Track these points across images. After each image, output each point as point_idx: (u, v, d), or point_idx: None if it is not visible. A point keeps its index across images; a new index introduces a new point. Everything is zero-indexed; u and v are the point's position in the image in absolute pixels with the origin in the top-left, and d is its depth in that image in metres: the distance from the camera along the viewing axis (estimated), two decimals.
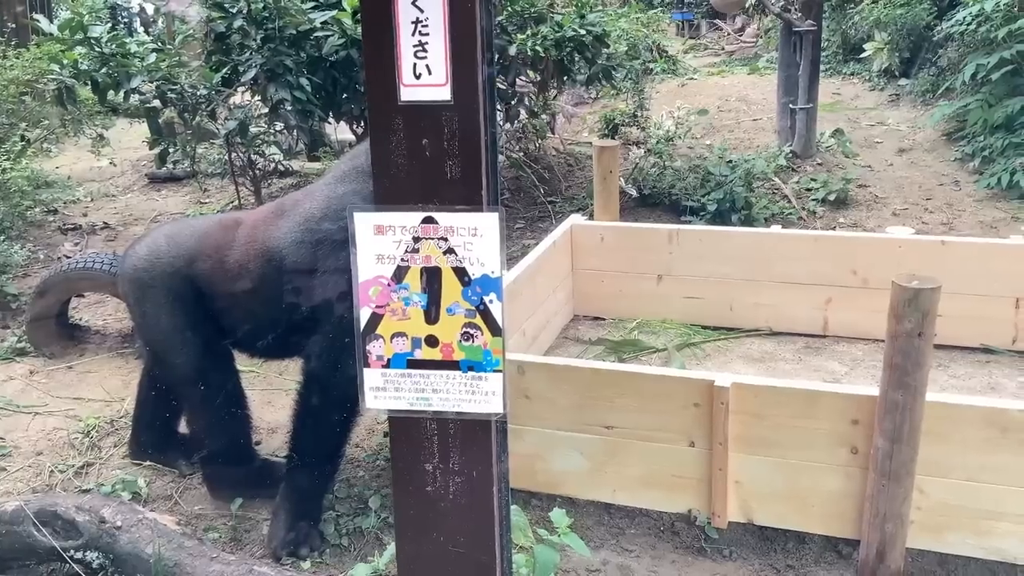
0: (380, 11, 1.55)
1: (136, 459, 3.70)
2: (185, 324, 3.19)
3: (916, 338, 2.58)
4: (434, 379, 1.71)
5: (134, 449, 3.72)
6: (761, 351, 4.48)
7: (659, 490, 3.14)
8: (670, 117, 7.15)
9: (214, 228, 3.29)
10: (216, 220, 3.44)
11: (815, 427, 2.88)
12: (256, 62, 4.85)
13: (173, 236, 3.29)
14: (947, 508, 2.82)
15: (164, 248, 3.24)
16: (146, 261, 3.23)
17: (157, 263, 3.20)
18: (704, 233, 4.86)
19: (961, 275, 4.21)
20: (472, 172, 1.61)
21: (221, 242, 3.18)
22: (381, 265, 1.67)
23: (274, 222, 3.12)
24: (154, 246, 3.26)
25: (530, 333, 4.35)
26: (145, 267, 3.22)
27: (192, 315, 3.18)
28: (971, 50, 7.63)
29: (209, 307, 3.18)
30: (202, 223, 3.44)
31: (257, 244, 3.10)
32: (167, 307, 3.18)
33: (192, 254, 3.19)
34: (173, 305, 3.18)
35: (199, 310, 3.18)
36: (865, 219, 6.40)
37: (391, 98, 1.59)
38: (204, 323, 3.19)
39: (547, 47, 5.81)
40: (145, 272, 3.21)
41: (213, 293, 3.16)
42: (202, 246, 3.20)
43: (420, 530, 1.79)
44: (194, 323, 3.19)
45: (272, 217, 3.17)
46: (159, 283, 3.19)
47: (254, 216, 3.31)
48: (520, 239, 6.15)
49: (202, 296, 3.17)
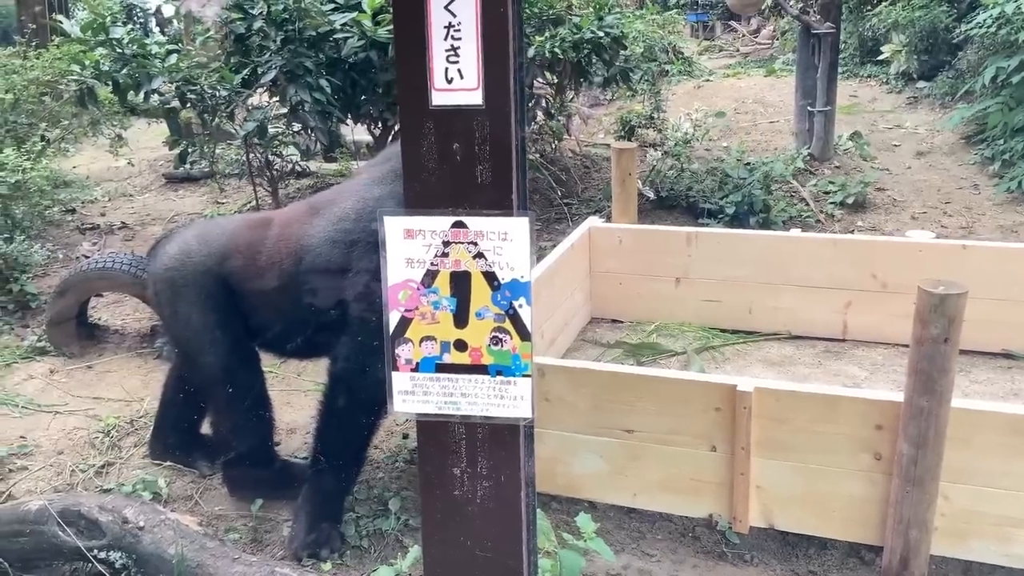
0: (413, 15, 1.56)
1: (157, 459, 3.72)
2: (216, 323, 3.20)
3: (942, 344, 2.57)
4: (462, 383, 1.71)
5: (155, 449, 3.73)
6: (780, 355, 4.46)
7: (680, 494, 3.13)
8: (688, 119, 7.13)
9: (244, 227, 3.31)
10: (245, 219, 3.46)
11: (838, 432, 2.87)
12: (276, 63, 4.87)
13: (203, 235, 3.30)
14: (971, 515, 2.80)
15: (195, 247, 3.25)
16: (177, 260, 3.24)
17: (188, 262, 3.22)
18: (722, 236, 4.85)
19: (982, 279, 4.17)
20: (502, 176, 1.61)
21: (252, 240, 3.20)
22: (411, 269, 1.67)
23: (308, 220, 3.13)
24: (185, 246, 3.27)
25: (548, 335, 4.35)
26: (176, 266, 3.23)
27: (223, 314, 3.20)
28: (991, 52, 7.57)
29: (239, 306, 3.20)
30: (231, 222, 3.45)
31: (290, 242, 3.11)
32: (198, 306, 3.20)
33: (223, 253, 3.21)
34: (204, 304, 3.19)
35: (230, 309, 3.20)
36: (883, 222, 6.37)
37: (423, 102, 1.59)
38: (234, 322, 3.21)
39: (565, 49, 5.81)
40: (176, 271, 3.22)
41: (244, 292, 3.18)
42: (233, 245, 3.22)
43: (447, 534, 1.79)
44: (225, 322, 3.20)
45: (305, 215, 3.18)
46: (190, 282, 3.20)
47: (285, 214, 3.33)
48: (537, 241, 6.14)
49: (232, 295, 3.19)
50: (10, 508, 2.92)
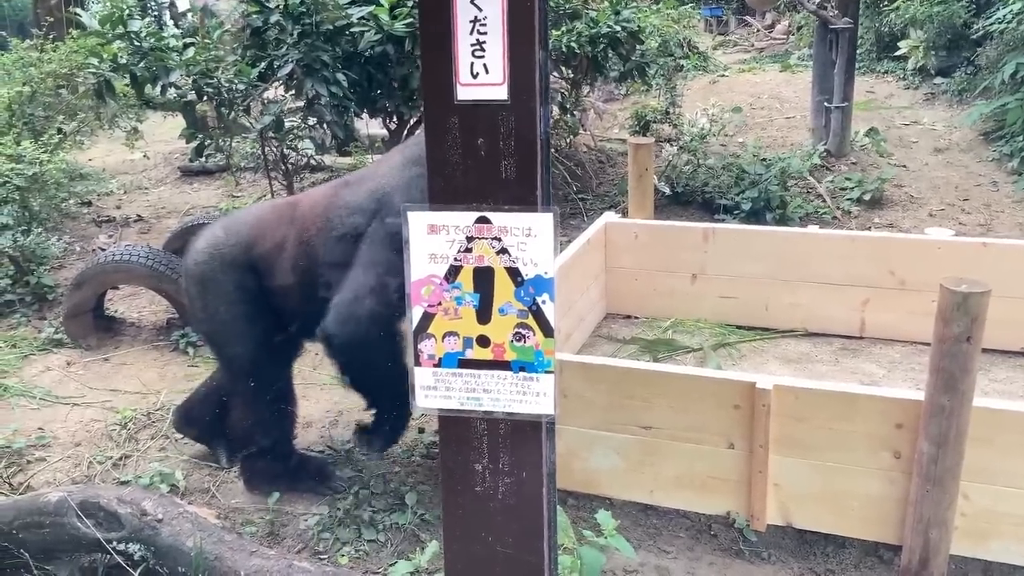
0: (438, 10, 1.55)
1: (178, 430, 3.76)
2: (246, 315, 3.24)
3: (964, 343, 2.55)
4: (485, 379, 1.71)
5: (179, 420, 3.75)
6: (797, 352, 4.44)
7: (697, 491, 3.12)
8: (704, 114, 7.10)
9: (269, 212, 3.35)
10: (269, 205, 3.48)
11: (857, 430, 2.85)
12: (293, 57, 4.87)
13: (230, 226, 3.33)
14: (992, 515, 2.78)
15: (222, 238, 3.28)
16: (206, 254, 3.26)
17: (216, 254, 3.24)
18: (739, 232, 4.82)
19: (1002, 277, 4.13)
20: (527, 172, 1.60)
21: (278, 222, 3.23)
22: (434, 264, 1.67)
23: (337, 193, 3.19)
24: (213, 238, 3.30)
25: (564, 331, 4.33)
26: (205, 260, 3.25)
27: (253, 306, 3.23)
28: (1011, 48, 7.51)
29: (270, 295, 3.22)
30: (257, 209, 3.48)
31: (318, 214, 3.15)
32: (229, 298, 3.23)
33: (250, 240, 3.24)
34: (235, 296, 3.22)
35: (260, 301, 3.23)
36: (901, 219, 6.33)
37: (447, 97, 1.58)
38: (265, 314, 3.25)
39: (582, 43, 5.80)
40: (206, 264, 3.25)
41: (274, 274, 3.19)
42: (259, 230, 3.25)
43: (468, 530, 1.79)
44: (255, 314, 3.24)
45: (334, 190, 3.23)
46: (220, 274, 3.22)
47: (312, 195, 3.35)
48: None
49: (263, 283, 3.21)
50: (29, 499, 2.93)
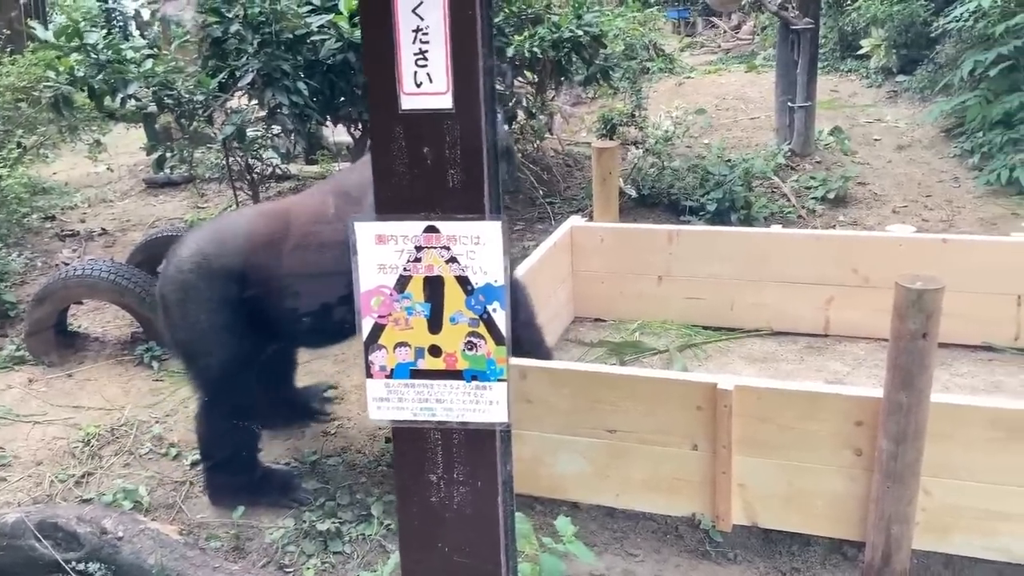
0: (381, 20, 1.54)
1: None
2: (232, 323, 3.18)
3: (920, 339, 2.57)
4: (438, 389, 1.70)
5: None
6: (763, 351, 4.47)
7: (662, 494, 3.13)
8: (668, 117, 7.13)
9: (259, 220, 3.29)
10: (256, 213, 3.40)
11: (818, 429, 2.87)
12: (253, 67, 4.83)
13: (219, 235, 3.28)
14: (952, 509, 2.81)
15: (213, 247, 3.22)
16: (193, 263, 3.20)
17: (205, 263, 3.18)
18: (704, 233, 4.85)
19: (963, 273, 4.19)
20: (474, 180, 1.60)
21: (272, 231, 3.17)
22: (383, 275, 1.66)
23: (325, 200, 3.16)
24: (200, 248, 3.23)
25: None
26: (193, 268, 3.18)
27: (239, 314, 3.18)
28: (969, 46, 7.61)
29: (261, 302, 3.17)
30: (243, 220, 3.40)
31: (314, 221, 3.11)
32: (216, 306, 3.17)
33: (245, 248, 3.18)
34: (222, 304, 3.16)
35: (246, 309, 3.18)
36: (865, 217, 6.39)
37: (392, 106, 1.58)
38: (250, 323, 3.20)
39: (544, 48, 5.80)
40: (194, 273, 3.18)
41: (269, 282, 3.13)
42: (253, 239, 3.20)
43: (424, 541, 1.78)
44: (241, 323, 3.19)
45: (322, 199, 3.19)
46: (208, 283, 3.17)
47: (302, 202, 3.31)
48: (520, 240, 6.13)
49: (253, 292, 3.16)
50: None
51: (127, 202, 8.14)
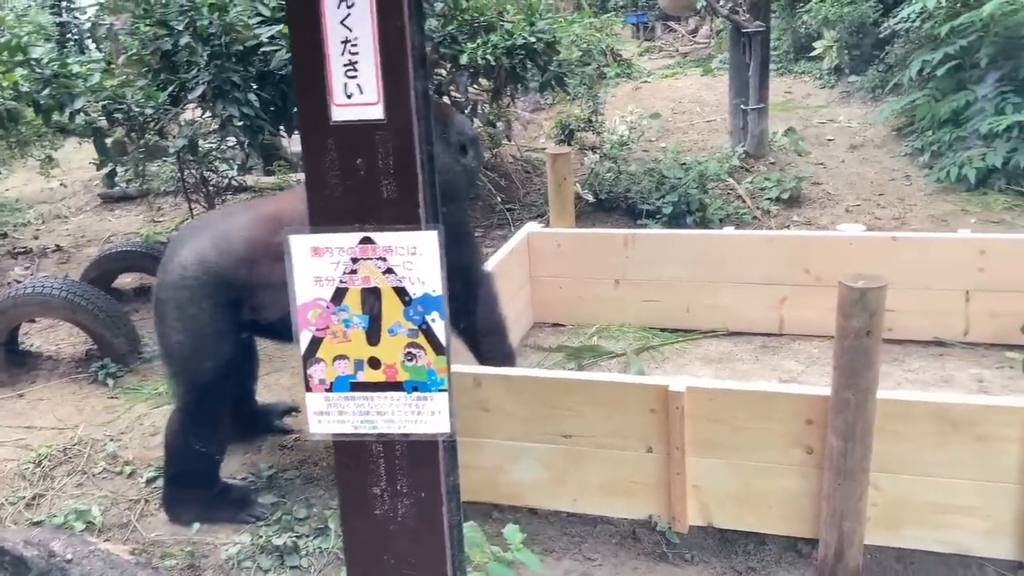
0: (309, 32, 1.54)
1: None
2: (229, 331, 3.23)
3: (865, 337, 2.60)
4: (378, 401, 1.69)
5: None
6: (719, 352, 4.51)
7: (619, 497, 3.14)
8: (623, 122, 7.18)
9: (255, 225, 3.26)
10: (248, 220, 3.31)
11: (770, 428, 2.90)
12: (203, 79, 4.80)
13: (217, 242, 3.25)
14: (902, 504, 2.85)
15: (213, 255, 3.21)
16: (194, 271, 3.20)
17: (204, 270, 3.19)
18: (659, 236, 4.89)
19: (912, 270, 4.27)
20: (409, 191, 1.59)
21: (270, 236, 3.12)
22: (319, 287, 1.65)
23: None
24: (200, 255, 3.22)
25: None
26: (195, 275, 3.19)
27: (236, 321, 3.23)
28: (916, 47, 7.75)
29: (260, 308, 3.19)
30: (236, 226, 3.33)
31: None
32: (216, 315, 3.20)
33: (245, 256, 3.18)
34: (222, 312, 3.19)
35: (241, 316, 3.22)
36: (819, 216, 6.47)
37: (323, 118, 1.57)
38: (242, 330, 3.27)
39: (498, 55, 5.81)
40: (196, 280, 3.19)
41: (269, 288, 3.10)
42: (253, 245, 3.18)
43: (370, 554, 1.77)
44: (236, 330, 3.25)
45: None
46: (208, 291, 3.18)
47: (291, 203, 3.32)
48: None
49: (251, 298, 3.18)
50: None
51: (82, 217, 8.03)
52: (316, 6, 1.53)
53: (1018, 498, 2.76)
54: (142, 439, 4.04)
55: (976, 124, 6.70)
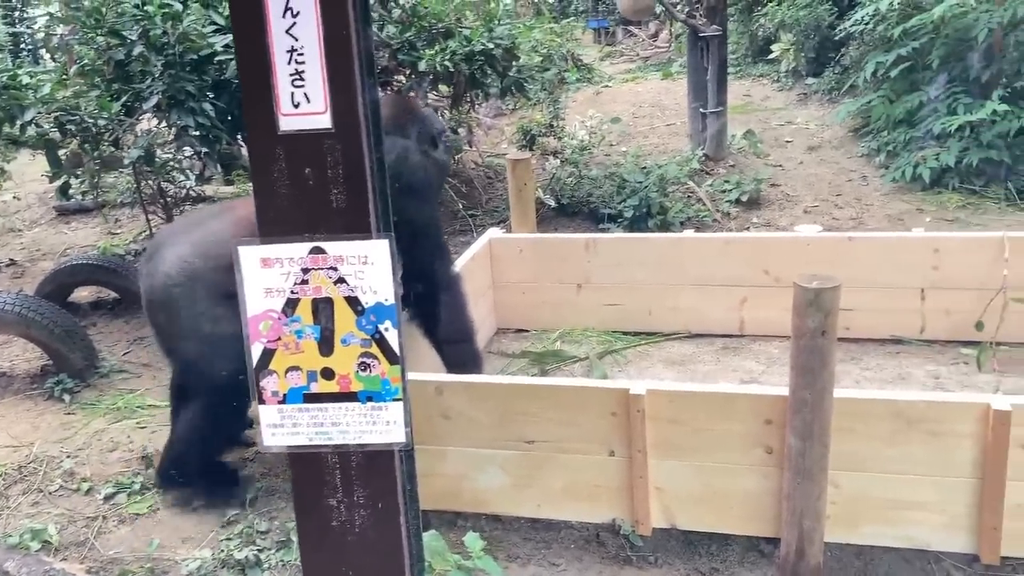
0: (255, 41, 1.53)
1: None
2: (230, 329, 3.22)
3: (820, 337, 2.63)
4: (332, 412, 1.68)
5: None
6: (681, 354, 4.53)
7: (582, 501, 3.14)
8: (583, 127, 7.20)
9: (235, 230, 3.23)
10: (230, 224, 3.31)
11: (730, 429, 2.92)
12: (158, 89, 4.75)
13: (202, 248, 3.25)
14: (861, 501, 2.88)
15: (198, 261, 3.23)
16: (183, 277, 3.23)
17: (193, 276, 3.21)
18: (619, 240, 4.90)
19: (869, 269, 4.33)
20: (359, 199, 1.58)
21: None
22: (270, 299, 1.64)
23: None
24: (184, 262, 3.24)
25: None
26: (184, 282, 3.22)
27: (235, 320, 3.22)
28: (871, 48, 7.86)
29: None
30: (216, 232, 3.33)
31: None
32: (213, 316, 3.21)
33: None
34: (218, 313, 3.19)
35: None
36: (778, 217, 6.53)
37: (271, 128, 1.56)
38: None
39: (457, 61, 5.80)
40: (187, 286, 3.22)
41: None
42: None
43: (327, 565, 1.75)
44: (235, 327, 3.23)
45: None
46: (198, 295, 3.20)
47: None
48: None
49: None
50: None
51: (37, 231, 7.90)
52: (261, 16, 1.51)
53: (973, 492, 2.80)
54: (100, 455, 3.98)
55: (929, 124, 6.81)
